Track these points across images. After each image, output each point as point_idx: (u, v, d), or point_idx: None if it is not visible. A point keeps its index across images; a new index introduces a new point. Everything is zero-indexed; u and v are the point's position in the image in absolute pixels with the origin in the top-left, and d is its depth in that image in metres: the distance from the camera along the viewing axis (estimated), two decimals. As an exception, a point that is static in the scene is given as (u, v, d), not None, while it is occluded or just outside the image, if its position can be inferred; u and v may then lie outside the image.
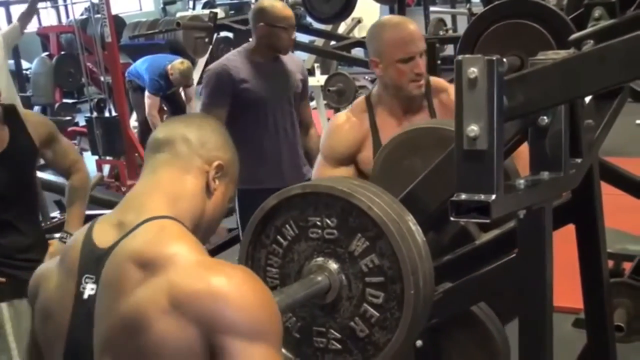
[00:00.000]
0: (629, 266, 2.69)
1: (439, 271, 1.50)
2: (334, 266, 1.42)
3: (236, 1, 14.46)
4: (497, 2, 2.25)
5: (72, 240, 1.39)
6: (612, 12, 1.88)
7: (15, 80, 10.37)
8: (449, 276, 1.68)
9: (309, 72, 5.87)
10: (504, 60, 1.19)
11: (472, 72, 1.18)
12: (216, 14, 5.68)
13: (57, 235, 3.04)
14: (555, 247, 1.48)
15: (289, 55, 3.68)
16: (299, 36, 4.21)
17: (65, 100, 10.32)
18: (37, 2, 6.49)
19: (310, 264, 1.44)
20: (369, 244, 1.39)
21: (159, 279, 1.20)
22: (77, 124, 8.64)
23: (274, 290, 1.43)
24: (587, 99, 1.86)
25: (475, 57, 1.18)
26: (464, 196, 1.21)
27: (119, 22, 9.80)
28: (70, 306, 1.31)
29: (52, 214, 5.04)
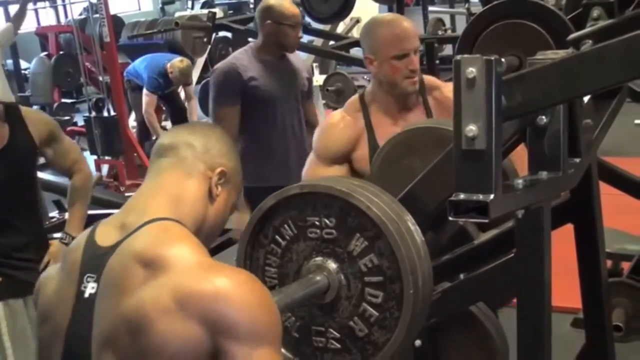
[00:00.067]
0: (627, 266, 2.69)
1: (437, 271, 1.50)
2: (333, 266, 1.42)
3: (235, 1, 14.45)
4: (495, 2, 2.25)
5: (74, 243, 1.41)
6: (611, 12, 1.88)
7: (14, 80, 10.39)
8: (447, 276, 1.68)
9: (308, 71, 5.86)
10: (503, 60, 1.19)
11: (471, 72, 1.18)
12: (215, 14, 5.67)
13: (57, 235, 3.04)
14: (553, 247, 1.48)
15: (294, 53, 3.69)
16: (298, 36, 4.20)
17: (64, 100, 10.34)
18: (27, 3, 6.50)
19: (309, 264, 1.44)
20: (367, 244, 1.39)
21: (162, 279, 1.21)
22: (75, 124, 8.65)
23: (273, 289, 1.43)
24: (586, 99, 1.86)
25: (473, 57, 1.18)
26: (462, 196, 1.21)
27: (117, 22, 9.80)
28: (70, 306, 1.32)
29: (51, 214, 5.03)
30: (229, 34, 8.37)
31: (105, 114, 6.83)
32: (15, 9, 6.82)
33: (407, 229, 1.40)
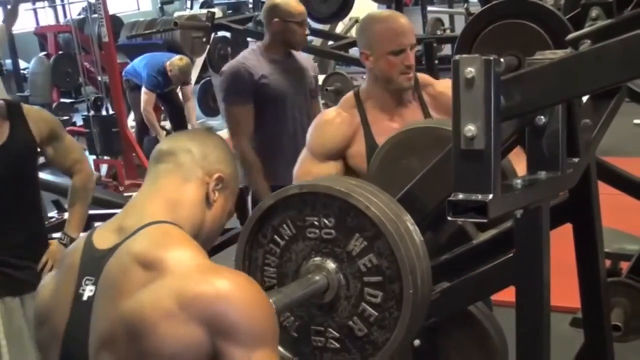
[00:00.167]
0: (626, 265, 2.69)
1: (436, 271, 1.50)
2: (332, 266, 1.42)
3: (234, 1, 14.43)
4: (494, 2, 2.25)
5: (72, 246, 1.42)
6: (609, 12, 1.88)
7: (12, 79, 10.39)
8: (446, 276, 1.68)
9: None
10: (501, 60, 1.19)
11: (470, 72, 1.18)
12: (214, 14, 5.67)
13: (56, 235, 3.03)
14: (552, 247, 1.48)
15: (299, 52, 3.68)
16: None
17: (62, 99, 10.32)
18: (19, 3, 6.50)
19: (308, 264, 1.44)
20: (367, 244, 1.39)
21: (162, 282, 1.21)
22: (74, 124, 8.65)
23: (272, 289, 1.43)
24: (585, 99, 1.86)
25: (472, 57, 1.18)
26: (461, 196, 1.21)
27: (116, 22, 9.79)
28: (68, 309, 1.33)
29: (50, 214, 5.03)
30: (228, 34, 8.36)
31: (103, 113, 6.82)
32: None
33: (406, 229, 1.40)
